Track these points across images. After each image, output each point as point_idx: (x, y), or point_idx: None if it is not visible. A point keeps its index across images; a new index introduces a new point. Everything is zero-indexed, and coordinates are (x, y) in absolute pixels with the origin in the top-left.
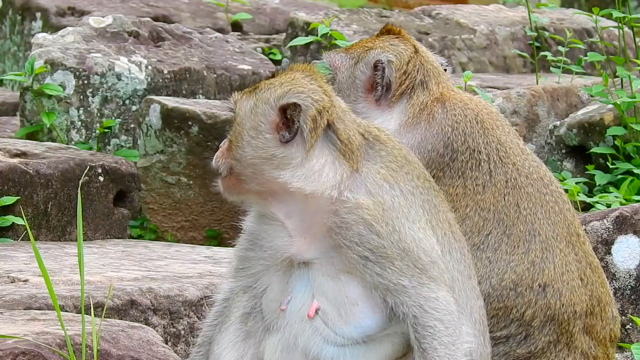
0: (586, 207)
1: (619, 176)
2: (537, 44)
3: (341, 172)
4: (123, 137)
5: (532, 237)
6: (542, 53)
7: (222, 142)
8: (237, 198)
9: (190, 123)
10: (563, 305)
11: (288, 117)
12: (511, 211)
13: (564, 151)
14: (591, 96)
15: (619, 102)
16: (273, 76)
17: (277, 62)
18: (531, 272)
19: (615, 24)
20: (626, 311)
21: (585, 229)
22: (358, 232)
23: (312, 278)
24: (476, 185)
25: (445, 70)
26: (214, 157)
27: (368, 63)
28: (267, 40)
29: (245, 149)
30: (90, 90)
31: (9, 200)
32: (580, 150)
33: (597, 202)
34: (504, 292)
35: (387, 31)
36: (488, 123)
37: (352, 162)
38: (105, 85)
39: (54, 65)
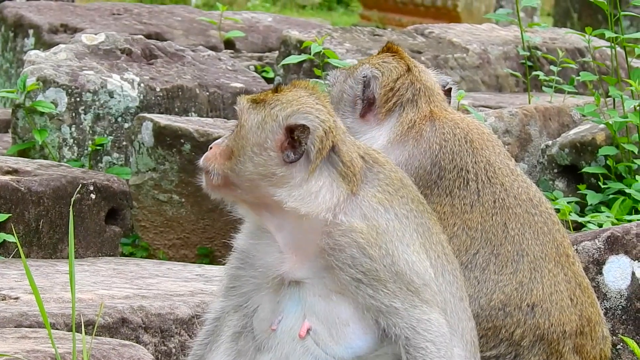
0: (578, 226)
1: (611, 196)
2: (529, 63)
3: (338, 195)
4: (115, 155)
5: (520, 258)
6: (534, 72)
7: (217, 143)
8: (221, 197)
9: (182, 141)
10: (552, 325)
11: (295, 138)
12: (499, 231)
13: (555, 171)
14: (583, 116)
15: (611, 122)
16: (277, 90)
17: (269, 80)
18: (519, 292)
19: (608, 44)
20: (617, 331)
21: (576, 249)
22: (351, 254)
23: (303, 298)
24: (464, 204)
25: (449, 89)
26: (204, 157)
27: (356, 78)
28: (259, 59)
29: (246, 164)
30: (83, 107)
31: (0, 217)
32: (572, 170)
33: (588, 222)
34: (492, 312)
35: (387, 49)
36: (478, 143)
37: (352, 185)
38: (97, 103)
39: (46, 83)
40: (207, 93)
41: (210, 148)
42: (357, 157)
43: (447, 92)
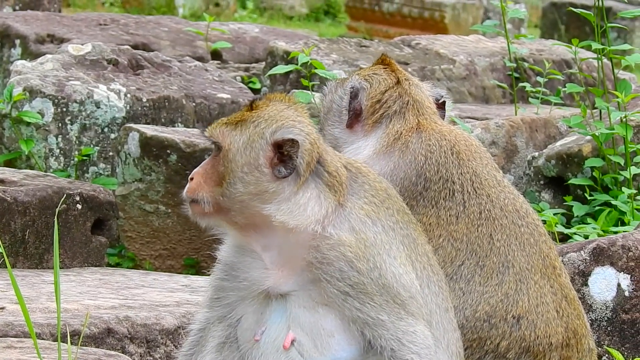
0: (564, 238)
1: (597, 207)
2: (516, 74)
3: (326, 206)
4: (101, 165)
5: (505, 269)
6: (521, 84)
7: (197, 172)
8: (211, 224)
9: (168, 151)
10: (538, 337)
11: (284, 153)
12: (484, 242)
13: (542, 182)
14: (570, 127)
15: (597, 134)
16: (252, 107)
17: (256, 91)
18: (505, 304)
19: (595, 56)
20: (602, 342)
21: (562, 260)
22: (339, 268)
23: (288, 309)
24: (449, 215)
25: (443, 102)
26: (189, 189)
27: (344, 89)
28: (246, 69)
29: (237, 185)
30: (69, 117)
31: None
32: (558, 181)
33: (574, 233)
34: (477, 324)
35: (381, 61)
36: (464, 154)
37: (339, 195)
38: (84, 113)
39: (32, 93)
40: (194, 104)
41: (191, 179)
42: (341, 166)
43: (442, 106)
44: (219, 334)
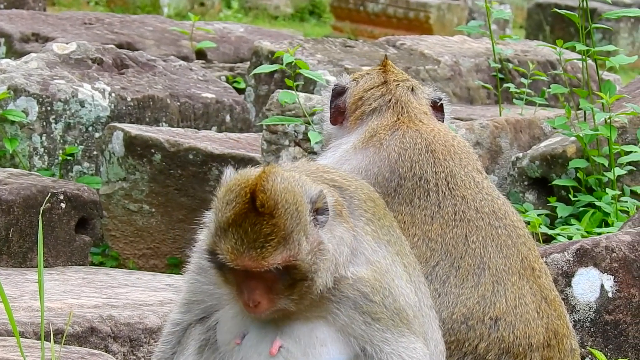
0: (547, 239)
1: (581, 208)
2: (500, 75)
3: (349, 242)
4: (86, 164)
5: (481, 271)
6: (505, 85)
7: (261, 296)
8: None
9: (153, 151)
10: (517, 338)
11: (317, 210)
12: (459, 244)
13: (526, 183)
14: (554, 128)
15: (581, 135)
16: (262, 212)
17: (240, 91)
18: (482, 306)
19: (579, 57)
20: (585, 343)
21: (545, 261)
22: (354, 300)
23: (277, 317)
24: (424, 215)
25: (440, 104)
26: (260, 311)
27: (330, 87)
28: (231, 69)
29: (317, 281)
30: (54, 116)
31: None
32: (542, 182)
33: (558, 234)
34: (455, 326)
35: (382, 64)
36: (440, 153)
37: (345, 220)
38: (68, 112)
39: (17, 91)
40: (178, 103)
41: (256, 305)
42: (328, 189)
43: (440, 108)
44: (198, 337)
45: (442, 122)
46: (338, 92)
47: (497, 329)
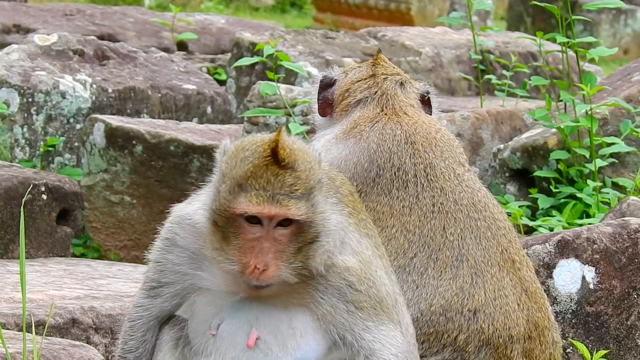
0: (529, 230)
1: (562, 200)
2: (482, 67)
3: (340, 229)
4: (67, 156)
5: (460, 263)
6: (486, 76)
7: (265, 263)
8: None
9: (134, 142)
10: (497, 330)
11: None
12: (437, 236)
13: (507, 174)
14: (535, 120)
15: (562, 126)
16: (281, 161)
17: (222, 82)
18: (460, 298)
19: (560, 48)
20: (567, 335)
21: (527, 253)
22: (340, 289)
23: (253, 305)
24: (403, 206)
25: (427, 98)
26: (265, 277)
27: (317, 79)
28: (212, 60)
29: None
30: (35, 108)
31: None
32: (523, 174)
33: (539, 226)
34: (433, 318)
35: (374, 58)
36: (420, 145)
37: (337, 208)
38: (49, 104)
39: None
40: (159, 94)
41: (265, 269)
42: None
43: (428, 102)
44: (171, 336)
45: (430, 115)
46: (326, 84)
47: (476, 321)
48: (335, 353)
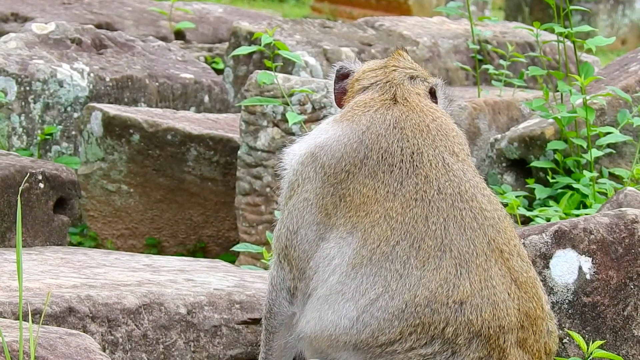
0: (526, 220)
1: (559, 190)
2: (479, 57)
3: None
4: (64, 144)
5: (443, 253)
6: (484, 66)
7: None
8: None
9: (131, 131)
10: (486, 321)
11: None
12: (419, 224)
13: (504, 164)
14: (532, 110)
15: (559, 117)
16: None
17: (219, 72)
18: (444, 289)
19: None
20: (563, 325)
21: (523, 243)
22: None
23: None
24: (387, 192)
25: (433, 90)
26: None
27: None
28: (210, 49)
29: None
30: (32, 96)
31: None
32: (520, 164)
33: (536, 216)
34: (418, 309)
35: (394, 52)
36: (410, 131)
37: None
38: (47, 92)
39: None
40: (157, 83)
41: None
42: None
43: (434, 94)
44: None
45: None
46: (343, 75)
47: (463, 313)
48: None
